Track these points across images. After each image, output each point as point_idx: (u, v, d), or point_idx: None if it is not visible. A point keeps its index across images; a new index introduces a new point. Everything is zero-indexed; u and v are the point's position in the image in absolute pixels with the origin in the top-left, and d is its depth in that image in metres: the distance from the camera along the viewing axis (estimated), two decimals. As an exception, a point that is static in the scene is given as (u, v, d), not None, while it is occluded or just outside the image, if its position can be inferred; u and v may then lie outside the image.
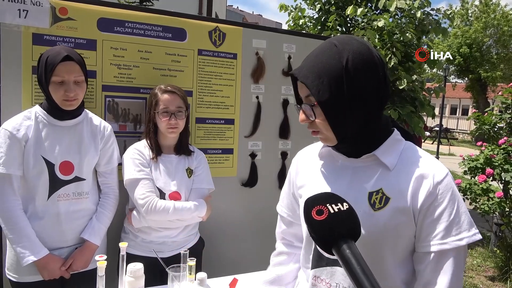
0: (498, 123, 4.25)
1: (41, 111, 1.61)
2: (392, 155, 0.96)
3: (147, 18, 2.01)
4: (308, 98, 0.93)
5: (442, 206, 0.91)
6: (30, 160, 1.56)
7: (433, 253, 0.91)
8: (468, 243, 0.91)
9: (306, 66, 0.93)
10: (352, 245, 0.71)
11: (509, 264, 3.82)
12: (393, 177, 0.95)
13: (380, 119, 0.97)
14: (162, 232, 1.78)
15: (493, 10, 19.85)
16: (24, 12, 1.74)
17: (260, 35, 2.33)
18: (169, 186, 1.79)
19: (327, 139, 0.97)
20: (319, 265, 1.02)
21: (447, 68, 15.62)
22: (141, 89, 2.02)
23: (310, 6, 5.40)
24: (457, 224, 0.91)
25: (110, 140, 1.76)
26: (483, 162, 3.95)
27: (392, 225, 0.92)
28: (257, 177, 2.38)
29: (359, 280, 0.67)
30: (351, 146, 0.97)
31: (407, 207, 0.92)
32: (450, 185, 0.93)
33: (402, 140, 1.00)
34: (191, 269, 1.41)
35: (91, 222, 1.70)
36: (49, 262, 1.57)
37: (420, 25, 4.53)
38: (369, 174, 0.97)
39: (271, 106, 2.40)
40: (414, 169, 0.94)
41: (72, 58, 1.55)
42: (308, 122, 0.96)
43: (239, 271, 1.70)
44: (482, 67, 19.54)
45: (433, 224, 0.91)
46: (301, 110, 0.96)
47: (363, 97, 0.90)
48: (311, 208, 0.75)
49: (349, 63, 0.88)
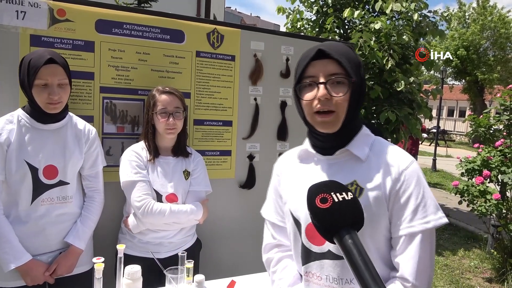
0: (494, 125, 4.26)
1: (23, 114, 1.58)
2: (364, 148, 1.03)
3: (145, 20, 2.01)
4: (335, 76, 0.98)
5: (408, 191, 0.97)
6: (13, 164, 1.52)
7: (403, 237, 0.96)
8: (435, 227, 0.96)
9: (332, 50, 0.99)
10: (354, 235, 0.71)
11: (506, 266, 3.83)
12: (365, 169, 1.01)
13: (358, 116, 1.07)
14: (159, 233, 1.78)
15: (490, 13, 19.94)
16: (22, 13, 1.74)
17: (258, 37, 2.33)
18: (166, 188, 1.79)
19: (334, 122, 1.00)
20: (308, 260, 1.05)
21: (444, 70, 15.67)
22: (139, 91, 2.02)
23: (308, 9, 5.42)
24: (423, 208, 0.96)
25: (94, 144, 1.73)
26: (480, 164, 3.97)
27: (368, 214, 0.93)
28: (255, 178, 2.38)
29: (359, 270, 0.67)
30: (335, 140, 1.03)
31: (380, 196, 0.98)
32: (416, 172, 0.99)
33: (371, 134, 1.08)
34: (189, 271, 1.41)
35: (75, 226, 1.66)
36: (32, 268, 1.54)
37: (417, 27, 4.55)
38: (343, 168, 1.03)
39: (269, 108, 2.40)
40: (383, 160, 1.01)
41: (55, 61, 1.53)
42: (326, 99, 0.97)
43: (236, 273, 1.70)
44: (479, 69, 19.61)
45: (401, 209, 0.97)
46: (325, 85, 0.97)
47: (364, 93, 1.05)
48: (315, 195, 0.75)
49: (361, 64, 1.04)
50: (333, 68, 0.98)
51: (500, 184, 3.94)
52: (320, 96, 0.97)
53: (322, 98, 0.97)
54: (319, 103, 0.98)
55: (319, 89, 0.98)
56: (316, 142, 1.07)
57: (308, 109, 1.02)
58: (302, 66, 1.02)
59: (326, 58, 0.99)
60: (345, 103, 0.99)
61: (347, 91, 0.98)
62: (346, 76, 0.98)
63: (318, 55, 1.00)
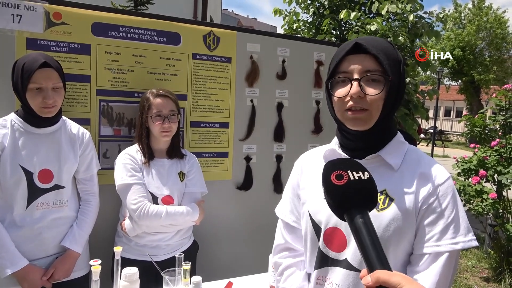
0: (489, 125, 4.29)
1: (17, 118, 1.57)
2: (397, 156, 0.97)
3: (141, 22, 2.02)
4: (371, 73, 0.92)
5: (441, 208, 0.91)
6: (7, 169, 1.51)
7: (426, 255, 0.90)
8: (464, 249, 0.91)
9: (370, 45, 0.92)
10: (366, 215, 0.69)
11: (503, 265, 3.84)
12: (397, 178, 0.95)
13: (393, 119, 1.00)
14: (155, 236, 1.78)
15: (485, 13, 20.05)
16: (18, 17, 1.74)
17: (254, 39, 2.34)
18: (161, 190, 1.79)
19: (366, 120, 0.93)
20: (323, 265, 1.01)
21: (441, 70, 15.74)
22: (136, 93, 2.02)
23: (304, 10, 5.43)
24: (454, 227, 0.90)
25: (88, 147, 1.73)
26: (476, 164, 3.99)
27: (395, 226, 0.91)
28: (252, 180, 2.39)
29: (367, 250, 0.65)
30: (365, 140, 0.97)
31: (410, 208, 0.92)
32: (451, 188, 0.93)
33: (405, 142, 1.01)
34: (186, 273, 1.41)
35: (71, 229, 1.66)
36: (29, 273, 1.52)
37: (413, 28, 4.57)
38: (373, 175, 0.97)
39: (266, 110, 2.41)
40: (417, 171, 0.94)
41: (49, 65, 1.52)
42: (359, 97, 0.92)
43: (234, 274, 1.70)
44: (475, 70, 19.71)
45: (430, 225, 0.91)
46: (358, 82, 0.91)
47: (402, 93, 0.98)
48: (330, 171, 0.73)
49: (402, 61, 0.96)
50: (369, 64, 0.92)
51: (496, 184, 3.96)
52: (352, 94, 0.91)
53: (354, 95, 0.91)
54: (351, 100, 0.92)
55: (352, 86, 0.92)
56: (345, 141, 1.00)
57: (339, 106, 0.96)
58: (336, 60, 0.95)
59: (363, 53, 0.92)
60: (380, 101, 0.92)
61: (383, 89, 0.91)
62: (383, 73, 0.91)
63: (354, 49, 0.93)
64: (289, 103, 2.48)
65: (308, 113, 2.55)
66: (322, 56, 2.57)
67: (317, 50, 2.56)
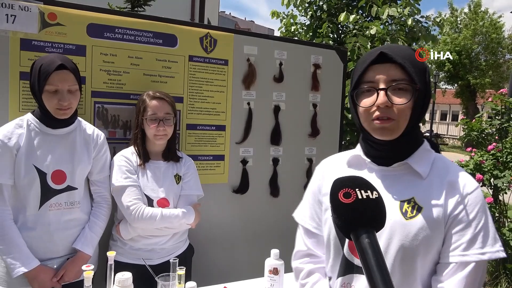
0: (486, 129, 4.30)
1: (33, 119, 1.58)
2: (425, 164, 0.95)
3: (137, 24, 2.00)
4: (397, 82, 0.91)
5: (469, 217, 0.90)
6: (22, 169, 1.52)
7: (452, 264, 0.89)
8: (491, 259, 0.90)
9: (395, 53, 0.91)
10: (372, 235, 0.68)
11: (499, 270, 3.84)
12: (425, 186, 0.93)
13: (419, 127, 0.99)
14: (150, 239, 1.76)
15: (481, 18, 20.21)
16: (12, 17, 1.72)
17: (251, 42, 2.33)
18: (157, 193, 1.77)
19: (393, 129, 0.92)
20: (348, 272, 0.99)
21: (437, 74, 15.83)
22: (131, 95, 2.00)
23: (302, 13, 5.43)
24: (482, 237, 0.89)
25: (103, 149, 1.74)
26: (473, 167, 3.99)
27: (424, 235, 0.90)
28: (249, 183, 2.37)
29: (371, 271, 0.64)
30: (391, 150, 0.96)
31: (439, 217, 0.90)
32: (480, 198, 0.92)
33: (432, 151, 1.00)
34: (181, 278, 1.39)
35: (83, 231, 1.67)
36: (40, 273, 1.53)
37: (410, 32, 4.58)
38: (400, 182, 0.95)
39: (262, 113, 2.40)
40: (446, 179, 0.93)
41: (66, 67, 1.53)
42: (387, 107, 0.90)
43: (229, 279, 1.69)
44: (471, 74, 19.85)
45: (458, 234, 0.90)
46: (385, 92, 0.90)
47: (428, 101, 0.96)
48: (338, 189, 0.72)
49: (427, 69, 0.95)
50: (395, 73, 0.91)
51: (492, 188, 3.96)
52: (379, 104, 0.90)
53: (382, 105, 0.90)
54: (378, 110, 0.91)
55: (378, 96, 0.90)
56: (370, 150, 0.99)
57: (365, 116, 0.94)
58: (361, 69, 0.94)
59: (388, 62, 0.91)
60: (408, 111, 0.91)
61: (411, 98, 0.90)
62: (410, 82, 0.90)
63: (379, 58, 0.92)
64: (286, 106, 2.46)
65: (305, 116, 2.54)
66: (320, 59, 2.56)
67: (314, 53, 2.55)
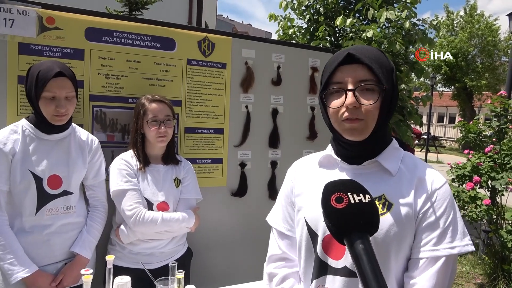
0: (483, 132, 4.31)
1: (28, 124, 1.58)
2: (394, 161, 0.97)
3: (135, 27, 2.00)
4: (365, 83, 0.92)
5: (438, 212, 0.91)
6: (17, 174, 1.52)
7: (423, 259, 0.90)
8: (460, 253, 0.91)
9: (362, 55, 0.92)
10: (366, 240, 0.68)
11: (497, 271, 3.85)
12: (394, 183, 0.95)
13: (387, 127, 1.01)
14: (150, 243, 1.76)
15: (477, 21, 20.33)
16: (10, 21, 1.72)
17: (249, 45, 2.34)
18: (157, 197, 1.77)
19: (362, 130, 0.93)
20: (321, 273, 0.98)
21: (434, 77, 15.90)
22: (129, 99, 2.00)
23: (299, 16, 5.45)
24: (451, 232, 0.90)
25: (97, 153, 1.74)
26: (470, 170, 4.01)
27: (395, 231, 0.90)
28: (247, 186, 2.37)
29: (366, 277, 0.64)
30: (362, 149, 0.97)
31: (409, 213, 0.92)
32: (448, 193, 0.94)
33: (400, 149, 1.02)
34: (180, 282, 1.39)
35: (81, 235, 1.67)
36: (38, 279, 1.52)
37: (407, 35, 4.60)
38: (370, 180, 0.95)
39: (261, 116, 2.40)
40: (415, 176, 0.95)
41: (64, 74, 1.54)
42: (355, 107, 0.91)
43: (228, 282, 1.68)
44: (468, 76, 19.93)
45: (428, 229, 0.91)
46: (353, 93, 0.91)
47: (396, 100, 0.98)
48: (330, 193, 0.71)
49: (394, 69, 0.97)
50: (363, 74, 0.92)
51: (490, 190, 3.98)
52: (348, 104, 0.91)
53: (350, 106, 0.91)
54: (346, 111, 0.92)
55: (347, 97, 0.91)
56: (341, 150, 1.00)
57: (335, 117, 0.95)
58: (329, 71, 0.95)
59: (355, 63, 0.92)
60: (376, 111, 0.93)
61: (378, 98, 0.91)
62: (377, 83, 0.92)
63: (347, 59, 0.93)
64: (284, 109, 2.47)
65: (303, 119, 2.55)
66: (317, 62, 2.57)
67: (312, 56, 2.56)
